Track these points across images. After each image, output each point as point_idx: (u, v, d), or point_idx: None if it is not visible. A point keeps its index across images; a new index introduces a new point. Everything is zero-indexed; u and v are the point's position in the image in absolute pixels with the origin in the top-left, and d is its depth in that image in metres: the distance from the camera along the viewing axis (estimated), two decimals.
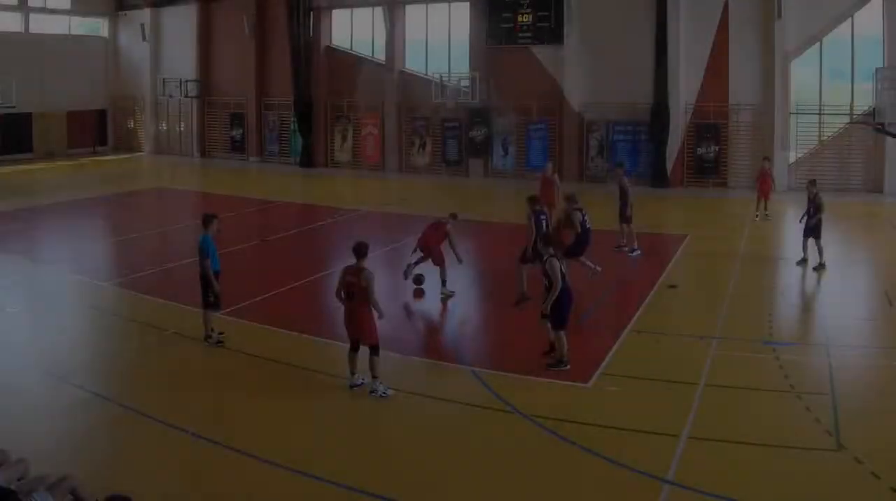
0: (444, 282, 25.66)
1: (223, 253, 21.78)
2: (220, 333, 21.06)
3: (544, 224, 25.19)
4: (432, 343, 21.77)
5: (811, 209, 29.38)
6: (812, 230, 29.07)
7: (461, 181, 54.77)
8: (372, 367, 17.67)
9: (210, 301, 20.78)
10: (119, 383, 18.77)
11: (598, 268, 26.27)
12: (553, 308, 19.01)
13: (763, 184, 38.23)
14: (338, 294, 18.13)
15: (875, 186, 46.26)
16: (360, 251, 17.81)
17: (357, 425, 16.65)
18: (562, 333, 19.08)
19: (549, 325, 19.40)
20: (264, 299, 25.31)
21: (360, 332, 17.85)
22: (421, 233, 26.29)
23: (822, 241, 28.97)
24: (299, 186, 54.69)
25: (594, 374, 18.63)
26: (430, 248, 25.81)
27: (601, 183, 50.40)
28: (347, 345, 18.24)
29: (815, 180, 30.95)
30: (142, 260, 30.97)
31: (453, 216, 26.53)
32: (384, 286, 24.88)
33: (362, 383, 17.92)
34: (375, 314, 17.99)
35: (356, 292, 17.60)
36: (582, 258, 26.17)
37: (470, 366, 19.32)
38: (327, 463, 14.42)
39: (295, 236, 36.99)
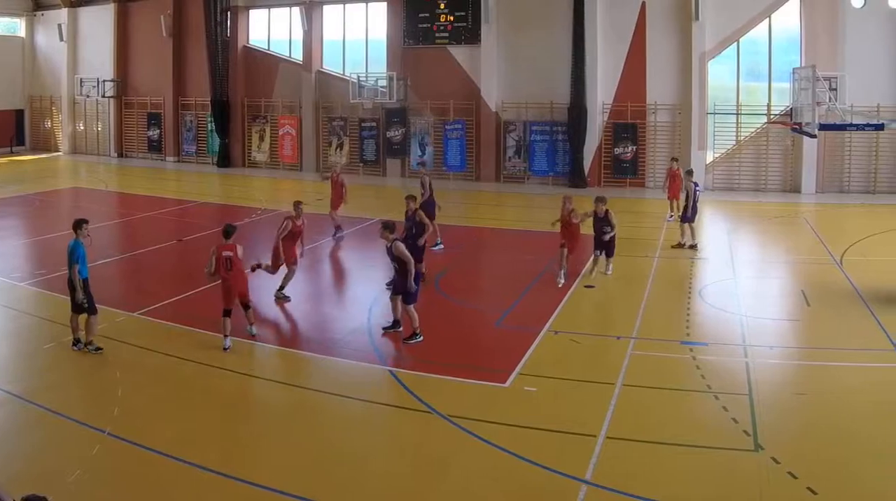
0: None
1: (141, 253, 24.55)
2: (98, 349, 19.66)
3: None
4: (350, 343, 20.48)
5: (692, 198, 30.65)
6: (687, 216, 30.66)
7: (378, 181, 52.63)
8: (250, 318, 20.38)
9: (80, 306, 19.47)
10: (34, 382, 17.86)
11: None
12: (407, 285, 19.90)
13: (672, 185, 36.73)
14: (221, 269, 19.94)
15: (793, 186, 45.59)
16: (229, 232, 20.43)
17: (272, 424, 16.02)
18: (412, 307, 20.05)
19: (399, 301, 20.44)
20: (181, 299, 24.30)
21: (243, 294, 20.26)
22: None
23: (695, 225, 31.16)
24: (216, 186, 52.76)
25: (512, 374, 18.01)
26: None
27: (519, 182, 49.90)
28: (263, 343, 19.78)
29: (691, 170, 33.14)
30: (57, 259, 28.16)
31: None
32: (301, 289, 25.42)
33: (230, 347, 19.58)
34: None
35: (234, 263, 19.90)
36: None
37: (387, 366, 18.85)
38: (242, 463, 13.99)
39: (212, 236, 33.73)
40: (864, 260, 28.97)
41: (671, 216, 36.93)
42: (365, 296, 24.45)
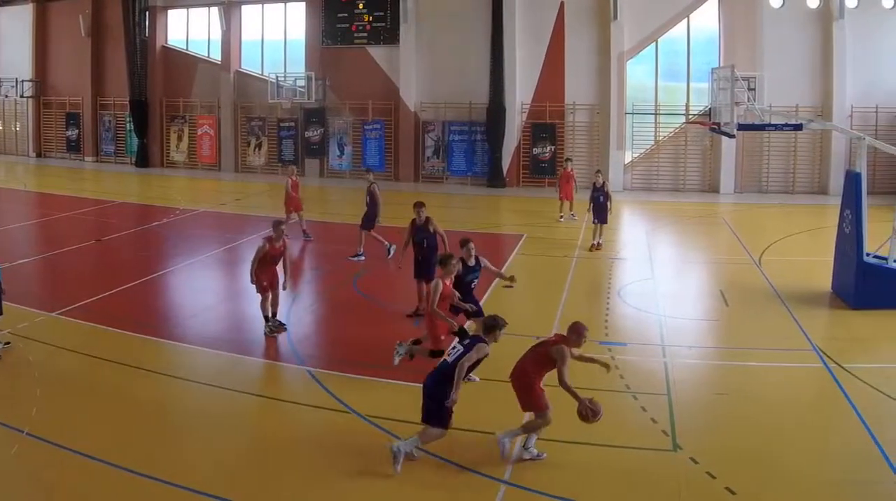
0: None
1: (59, 253, 24.15)
2: (6, 343, 18.90)
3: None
4: (267, 343, 19.79)
5: (601, 197, 30.05)
6: (605, 216, 30.13)
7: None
8: None
9: None
10: None
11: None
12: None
13: (566, 186, 36.09)
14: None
15: (711, 186, 44.75)
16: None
17: (191, 424, 15.40)
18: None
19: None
20: (100, 299, 23.24)
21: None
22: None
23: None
24: (135, 186, 50.40)
25: None
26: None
27: (437, 182, 48.55)
28: (180, 343, 19.28)
29: (600, 170, 33.71)
30: None
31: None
32: (220, 288, 25.37)
33: None
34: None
35: None
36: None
37: (306, 367, 18.18)
38: (162, 463, 13.32)
39: (131, 236, 34.04)
40: (782, 260, 28.48)
41: (563, 216, 36.65)
42: (284, 296, 22.76)
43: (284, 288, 20.68)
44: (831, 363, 17.96)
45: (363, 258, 28.32)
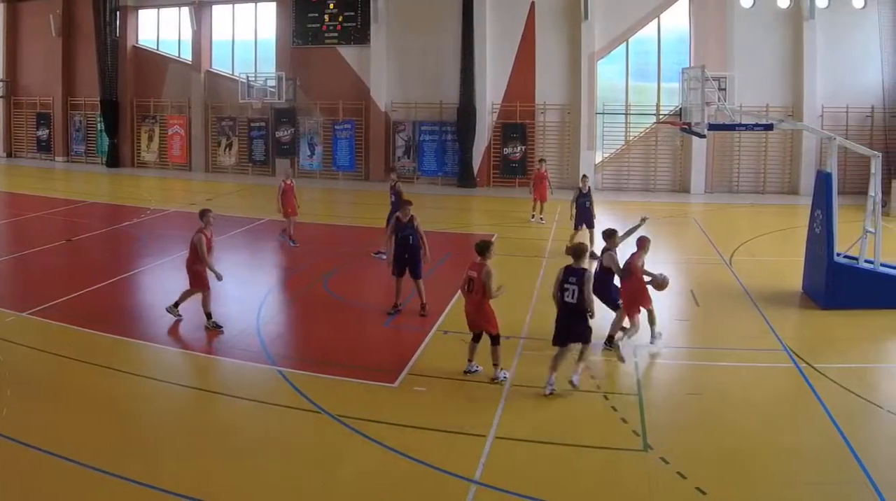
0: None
1: (29, 253, 23.71)
2: None
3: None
4: (239, 343, 19.49)
5: (586, 202, 29.59)
6: (592, 220, 29.58)
7: (268, 181, 49.53)
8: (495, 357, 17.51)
9: None
10: None
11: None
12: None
13: (539, 186, 35.67)
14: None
15: (682, 186, 44.71)
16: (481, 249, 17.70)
17: (162, 424, 15.24)
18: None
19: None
20: (70, 299, 22.99)
21: (476, 325, 17.70)
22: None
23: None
24: (106, 186, 50.03)
25: (401, 374, 17.40)
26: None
27: (408, 182, 47.07)
28: (150, 343, 19.09)
29: (586, 175, 32.50)
30: None
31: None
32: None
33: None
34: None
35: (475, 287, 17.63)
36: None
37: (276, 367, 17.96)
38: (132, 463, 13.16)
39: (101, 236, 33.61)
40: (753, 260, 28.41)
41: (535, 217, 36.25)
42: (254, 296, 23.47)
43: (220, 280, 20.44)
44: (802, 363, 17.85)
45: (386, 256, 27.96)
